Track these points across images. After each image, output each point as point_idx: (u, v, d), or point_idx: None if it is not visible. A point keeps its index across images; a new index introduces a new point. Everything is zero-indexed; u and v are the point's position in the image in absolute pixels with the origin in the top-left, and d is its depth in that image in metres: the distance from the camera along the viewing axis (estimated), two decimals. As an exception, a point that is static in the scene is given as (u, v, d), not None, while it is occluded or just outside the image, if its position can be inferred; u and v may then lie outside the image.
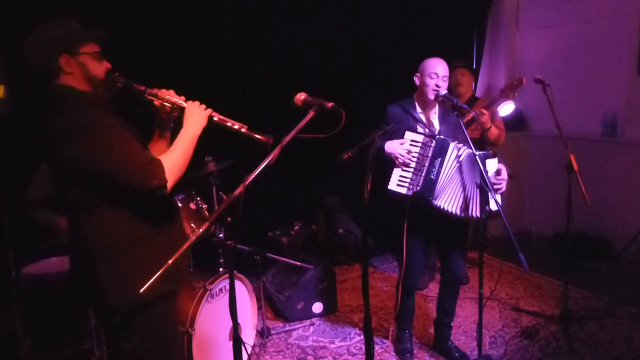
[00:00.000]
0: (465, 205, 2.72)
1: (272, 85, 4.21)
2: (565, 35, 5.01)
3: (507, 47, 5.52)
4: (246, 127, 1.86)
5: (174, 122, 2.02)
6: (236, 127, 1.87)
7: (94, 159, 1.68)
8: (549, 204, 4.95)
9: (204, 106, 1.92)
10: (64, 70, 1.75)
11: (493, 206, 2.66)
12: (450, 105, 2.79)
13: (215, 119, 1.90)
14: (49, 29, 1.77)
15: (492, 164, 2.71)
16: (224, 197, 3.14)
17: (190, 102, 1.92)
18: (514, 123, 5.40)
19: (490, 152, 2.74)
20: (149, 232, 1.82)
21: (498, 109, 4.08)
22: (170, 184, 1.75)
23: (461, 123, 2.69)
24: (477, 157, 2.55)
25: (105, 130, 1.70)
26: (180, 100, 1.92)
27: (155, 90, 1.92)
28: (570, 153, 3.18)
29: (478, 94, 5.31)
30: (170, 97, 1.93)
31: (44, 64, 1.75)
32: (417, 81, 2.92)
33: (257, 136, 1.85)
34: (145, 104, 1.94)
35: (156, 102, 1.94)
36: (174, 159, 1.79)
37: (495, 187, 2.69)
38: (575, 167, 3.16)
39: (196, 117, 1.88)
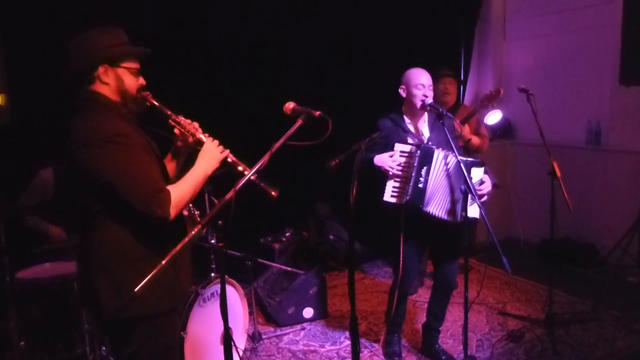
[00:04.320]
0: (453, 210, 2.79)
1: (261, 95, 4.27)
2: (551, 46, 5.13)
3: (494, 57, 5.63)
4: (256, 175, 1.86)
5: (189, 152, 2.06)
6: (246, 172, 1.87)
7: (108, 171, 1.70)
8: (536, 210, 5.03)
9: (221, 147, 1.95)
10: (100, 79, 1.81)
11: (474, 213, 2.73)
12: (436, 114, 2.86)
13: (229, 160, 1.94)
14: (97, 35, 1.81)
15: (478, 173, 2.78)
16: (216, 202, 3.19)
17: (209, 140, 1.94)
18: (502, 131, 5.50)
19: (479, 160, 2.80)
20: (153, 249, 1.82)
21: (485, 119, 4.20)
22: (172, 216, 1.76)
23: (446, 131, 2.76)
24: (460, 164, 2.62)
25: (125, 146, 1.73)
26: (201, 136, 1.95)
27: (180, 118, 1.96)
28: (554, 160, 3.26)
29: (466, 102, 5.43)
30: (192, 129, 1.96)
31: (84, 69, 1.80)
32: (403, 93, 2.96)
33: (263, 186, 1.89)
34: (168, 129, 1.99)
35: (176, 131, 1.99)
36: (182, 193, 1.81)
37: (478, 194, 2.74)
38: (558, 173, 3.24)
39: (212, 158, 1.92)
